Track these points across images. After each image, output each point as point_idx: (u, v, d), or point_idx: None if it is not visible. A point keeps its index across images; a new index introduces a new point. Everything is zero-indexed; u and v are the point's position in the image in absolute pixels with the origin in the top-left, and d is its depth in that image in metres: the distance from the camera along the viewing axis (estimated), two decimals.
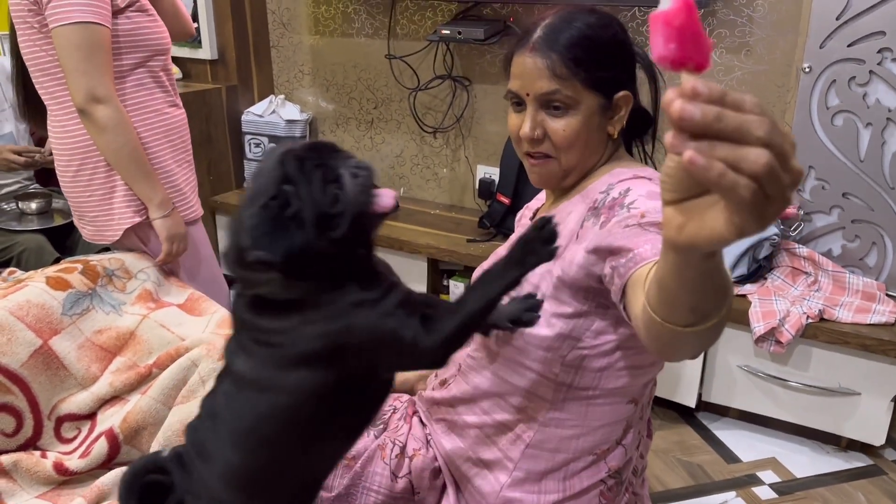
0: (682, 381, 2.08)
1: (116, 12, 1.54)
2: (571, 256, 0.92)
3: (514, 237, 1.10)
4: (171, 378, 1.38)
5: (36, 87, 1.61)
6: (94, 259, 1.60)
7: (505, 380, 1.00)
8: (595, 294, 0.91)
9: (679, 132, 0.44)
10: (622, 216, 0.87)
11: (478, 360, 1.04)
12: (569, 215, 0.98)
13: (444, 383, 1.10)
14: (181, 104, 1.75)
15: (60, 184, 1.68)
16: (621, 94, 0.97)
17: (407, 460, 1.06)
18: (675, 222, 0.50)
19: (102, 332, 1.47)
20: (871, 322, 1.87)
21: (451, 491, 1.05)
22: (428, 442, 1.09)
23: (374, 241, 0.84)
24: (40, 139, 2.37)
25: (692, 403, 2.09)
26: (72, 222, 2.19)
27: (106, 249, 2.12)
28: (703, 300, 0.61)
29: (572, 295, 0.92)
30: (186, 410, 1.35)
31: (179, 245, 1.65)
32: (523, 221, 1.17)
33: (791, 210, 2.07)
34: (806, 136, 2.02)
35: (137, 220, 1.63)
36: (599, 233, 0.89)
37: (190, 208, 1.74)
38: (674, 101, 0.43)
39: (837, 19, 1.89)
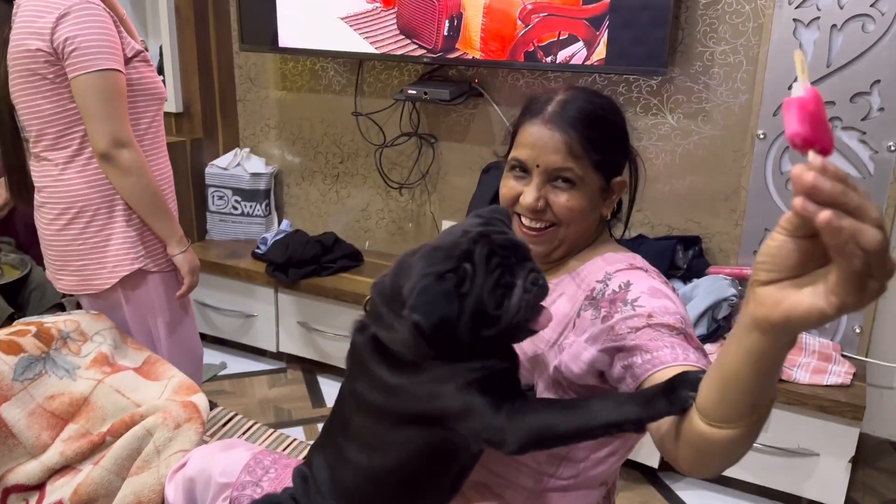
0: (644, 442, 2.07)
1: (125, 62, 1.57)
2: (576, 351, 0.91)
3: None
4: (124, 447, 1.35)
5: (31, 139, 1.61)
6: (49, 321, 1.56)
7: (488, 468, 1.00)
8: (590, 390, 0.92)
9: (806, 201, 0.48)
10: (626, 314, 0.87)
11: None
12: (560, 297, 0.98)
13: None
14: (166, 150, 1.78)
15: (44, 233, 1.67)
16: (618, 179, 1.00)
17: None
18: (771, 300, 0.54)
19: (55, 398, 1.43)
20: (828, 383, 1.91)
21: None
22: None
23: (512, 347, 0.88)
24: None
25: (655, 464, 2.10)
26: (23, 277, 2.16)
27: (60, 308, 2.08)
28: (764, 393, 0.63)
29: (569, 387, 0.93)
30: (140, 481, 1.32)
31: (196, 277, 1.73)
32: None
33: (747, 271, 2.13)
34: (761, 199, 2.08)
35: (136, 266, 1.64)
36: (603, 328, 0.89)
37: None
38: (805, 173, 0.47)
39: (789, 89, 1.96)
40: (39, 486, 1.37)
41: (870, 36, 1.87)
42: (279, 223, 2.91)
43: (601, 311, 0.90)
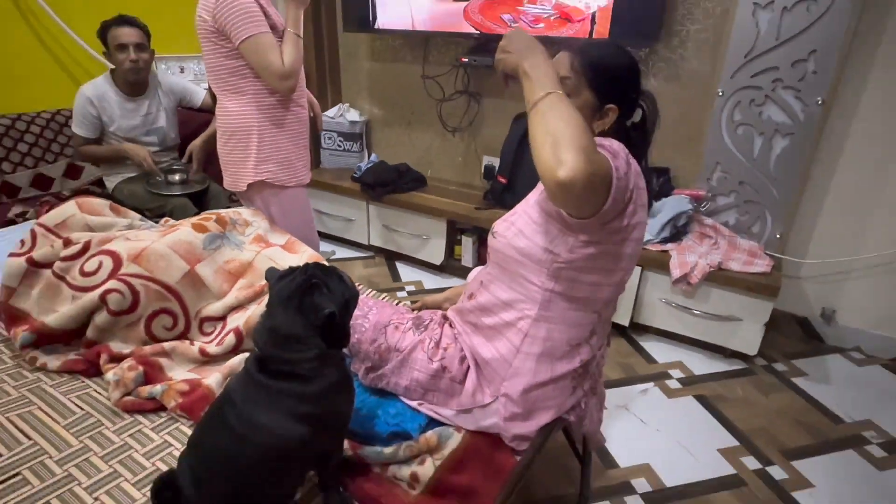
0: (620, 308, 2.09)
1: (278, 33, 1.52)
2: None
3: (530, 195, 1.07)
4: None
5: (210, 84, 1.61)
6: (224, 212, 1.60)
7: (511, 288, 1.01)
8: (565, 223, 0.90)
9: None
10: None
11: (493, 275, 1.05)
12: None
13: (472, 297, 1.10)
14: (305, 105, 1.72)
15: (220, 147, 1.67)
16: (611, 105, 0.93)
17: (441, 350, 1.07)
18: None
19: (230, 262, 1.48)
20: (754, 271, 1.87)
21: (473, 370, 1.06)
22: (456, 339, 1.10)
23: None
24: (184, 137, 2.37)
25: (626, 323, 2.12)
26: (205, 189, 2.21)
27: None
28: (528, 95, 0.80)
29: (553, 219, 0.92)
30: None
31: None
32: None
33: (701, 192, 2.05)
34: (717, 141, 1.98)
35: (256, 179, 1.63)
36: None
37: (297, 174, 1.72)
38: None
39: (745, 57, 1.84)
40: (223, 318, 1.43)
41: (812, 15, 1.71)
42: (369, 156, 2.90)
43: None
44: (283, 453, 0.83)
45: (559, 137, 0.73)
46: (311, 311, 0.83)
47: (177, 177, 2.22)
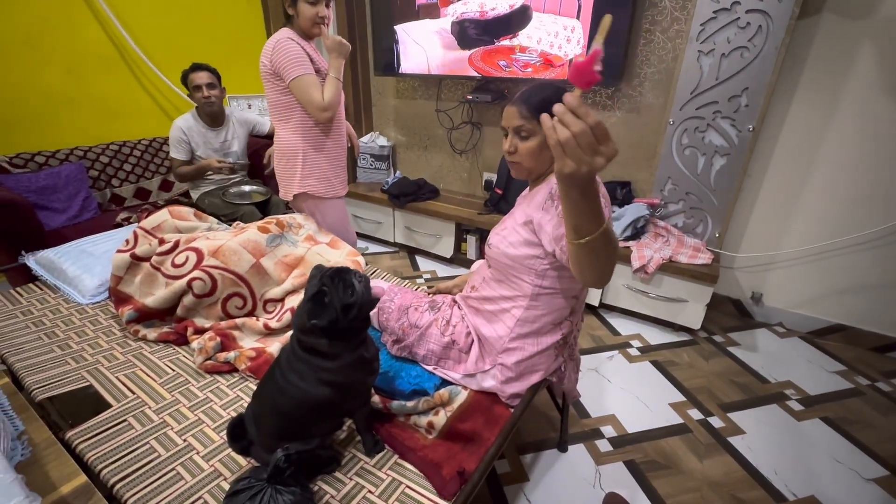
0: (592, 292, 2.06)
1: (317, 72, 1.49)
2: (540, 219, 0.89)
3: (514, 209, 1.07)
4: None
5: (270, 115, 1.58)
6: (282, 217, 1.59)
7: (506, 284, 1.00)
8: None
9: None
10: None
11: (493, 274, 1.04)
12: (538, 194, 0.95)
13: (474, 288, 1.09)
14: (343, 134, 1.68)
15: (275, 164, 1.65)
16: None
17: (451, 327, 1.06)
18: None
19: (287, 256, 1.47)
20: (697, 263, 1.84)
21: (476, 343, 1.05)
22: (463, 318, 1.09)
23: (369, 320, 0.87)
24: (251, 156, 2.35)
25: (596, 303, 2.08)
26: (268, 199, 2.20)
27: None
28: (579, 222, 0.64)
29: (540, 244, 0.91)
30: None
31: (344, 49, 1.47)
32: (518, 200, 1.14)
33: (656, 200, 2.02)
34: (668, 161, 1.94)
35: (300, 191, 1.61)
36: (555, 217, 0.85)
37: (334, 188, 1.68)
38: (558, 104, 0.55)
39: (691, 93, 1.80)
40: (282, 300, 1.42)
41: (745, 60, 1.66)
42: (395, 173, 2.87)
43: (554, 202, 0.87)
44: (314, 406, 0.85)
45: (606, 275, 0.71)
46: (310, 316, 0.84)
47: (246, 188, 2.21)
